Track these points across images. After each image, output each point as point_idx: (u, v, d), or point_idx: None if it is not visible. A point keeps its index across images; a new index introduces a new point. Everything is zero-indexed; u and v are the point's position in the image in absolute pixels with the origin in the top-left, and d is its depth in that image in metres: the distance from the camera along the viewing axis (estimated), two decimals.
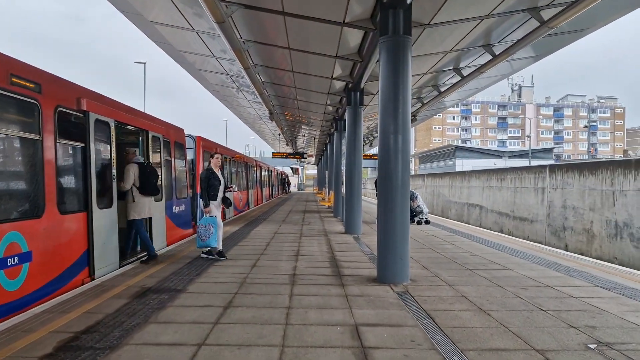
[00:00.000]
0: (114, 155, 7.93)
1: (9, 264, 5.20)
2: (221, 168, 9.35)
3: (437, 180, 34.82)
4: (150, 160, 9.73)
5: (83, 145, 7.01)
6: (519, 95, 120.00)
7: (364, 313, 5.49)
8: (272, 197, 38.35)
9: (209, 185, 8.81)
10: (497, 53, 10.43)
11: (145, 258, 8.56)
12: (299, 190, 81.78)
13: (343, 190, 17.62)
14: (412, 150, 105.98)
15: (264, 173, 33.13)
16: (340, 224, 16.23)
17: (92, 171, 7.10)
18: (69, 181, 6.80)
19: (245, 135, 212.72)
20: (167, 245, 10.61)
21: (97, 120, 7.34)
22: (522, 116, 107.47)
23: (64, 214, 6.38)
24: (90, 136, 7.11)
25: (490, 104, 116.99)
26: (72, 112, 6.75)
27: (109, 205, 7.71)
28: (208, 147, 15.98)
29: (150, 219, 9.63)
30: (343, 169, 20.44)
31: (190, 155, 14.37)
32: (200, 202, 10.18)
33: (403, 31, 7.21)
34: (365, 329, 4.91)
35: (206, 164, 15.80)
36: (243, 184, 23.24)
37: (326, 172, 30.22)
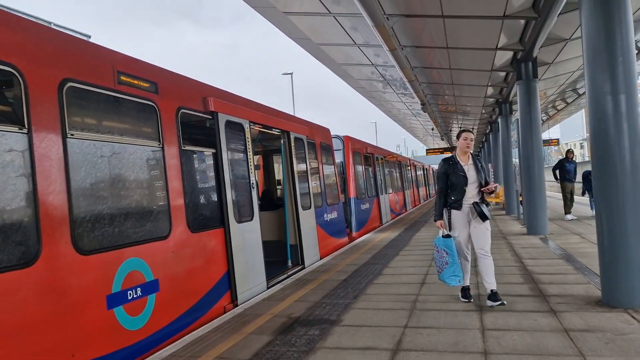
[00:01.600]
0: (251, 160, 6.95)
1: (129, 298, 4.31)
2: (473, 155, 5.62)
3: None
4: (295, 166, 8.70)
5: (214, 151, 6.08)
6: None
7: None
8: (430, 197, 36.11)
9: (449, 185, 5.47)
10: None
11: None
12: None
13: (516, 183, 15.06)
14: (584, 134, 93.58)
15: (419, 172, 31.18)
16: (518, 223, 13.72)
17: (226, 180, 6.14)
18: (199, 193, 5.90)
19: (395, 135, 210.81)
20: (321, 258, 9.47)
21: (228, 122, 6.39)
22: None
23: (195, 232, 5.45)
24: (221, 140, 6.16)
25: None
26: (197, 113, 5.84)
27: (250, 218, 6.72)
28: (358, 148, 14.75)
29: (299, 230, 8.58)
30: (515, 159, 17.76)
31: (338, 157, 13.24)
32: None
33: None
34: None
35: (358, 167, 14.55)
36: (398, 185, 21.68)
37: (489, 165, 27.24)
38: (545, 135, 43.96)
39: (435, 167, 55.14)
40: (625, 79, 4.99)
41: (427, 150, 33.65)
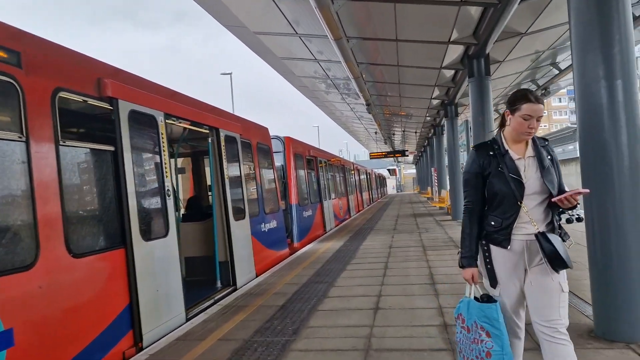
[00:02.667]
0: (166, 162, 5.60)
1: None
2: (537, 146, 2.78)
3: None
4: (226, 169, 7.38)
5: (112, 149, 4.70)
6: None
7: None
8: (373, 202, 35.53)
9: (487, 196, 2.80)
10: None
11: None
12: (398, 192, 78.21)
13: None
14: None
15: (362, 177, 30.45)
16: None
17: (129, 187, 4.75)
18: (86, 204, 4.50)
19: (337, 140, 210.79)
20: (257, 275, 8.19)
21: (133, 113, 5.01)
22: None
23: (79, 256, 4.05)
24: (123, 136, 4.78)
25: None
26: (87, 99, 4.44)
27: (163, 234, 5.36)
28: (300, 150, 13.56)
29: (231, 244, 7.28)
30: (462, 162, 17.23)
31: (279, 160, 12.02)
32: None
33: None
34: None
35: (300, 171, 13.34)
36: (342, 190, 20.70)
37: (432, 169, 26.91)
38: None
39: (379, 171, 54.59)
40: (622, 62, 4.11)
41: (370, 154, 33.10)
